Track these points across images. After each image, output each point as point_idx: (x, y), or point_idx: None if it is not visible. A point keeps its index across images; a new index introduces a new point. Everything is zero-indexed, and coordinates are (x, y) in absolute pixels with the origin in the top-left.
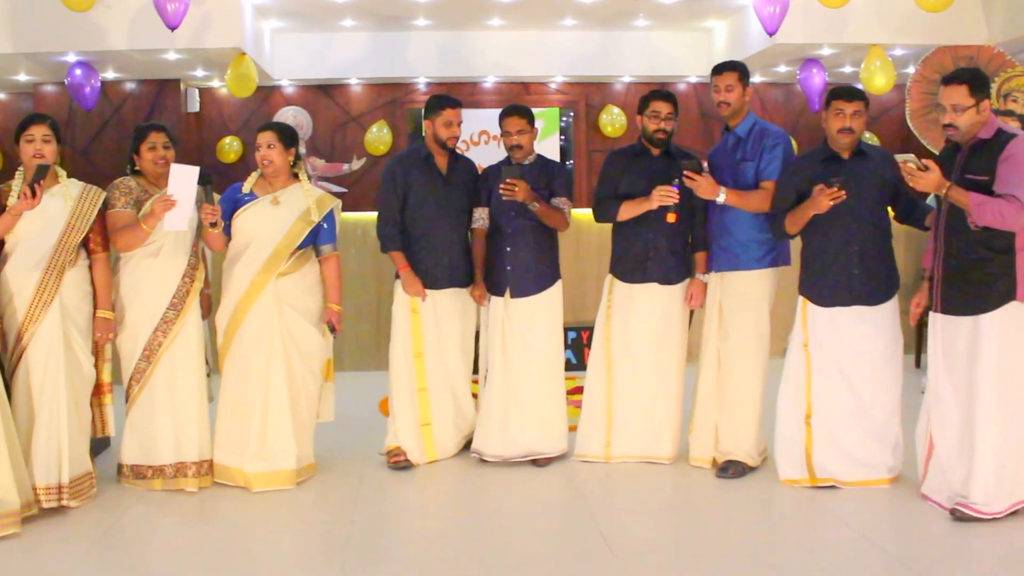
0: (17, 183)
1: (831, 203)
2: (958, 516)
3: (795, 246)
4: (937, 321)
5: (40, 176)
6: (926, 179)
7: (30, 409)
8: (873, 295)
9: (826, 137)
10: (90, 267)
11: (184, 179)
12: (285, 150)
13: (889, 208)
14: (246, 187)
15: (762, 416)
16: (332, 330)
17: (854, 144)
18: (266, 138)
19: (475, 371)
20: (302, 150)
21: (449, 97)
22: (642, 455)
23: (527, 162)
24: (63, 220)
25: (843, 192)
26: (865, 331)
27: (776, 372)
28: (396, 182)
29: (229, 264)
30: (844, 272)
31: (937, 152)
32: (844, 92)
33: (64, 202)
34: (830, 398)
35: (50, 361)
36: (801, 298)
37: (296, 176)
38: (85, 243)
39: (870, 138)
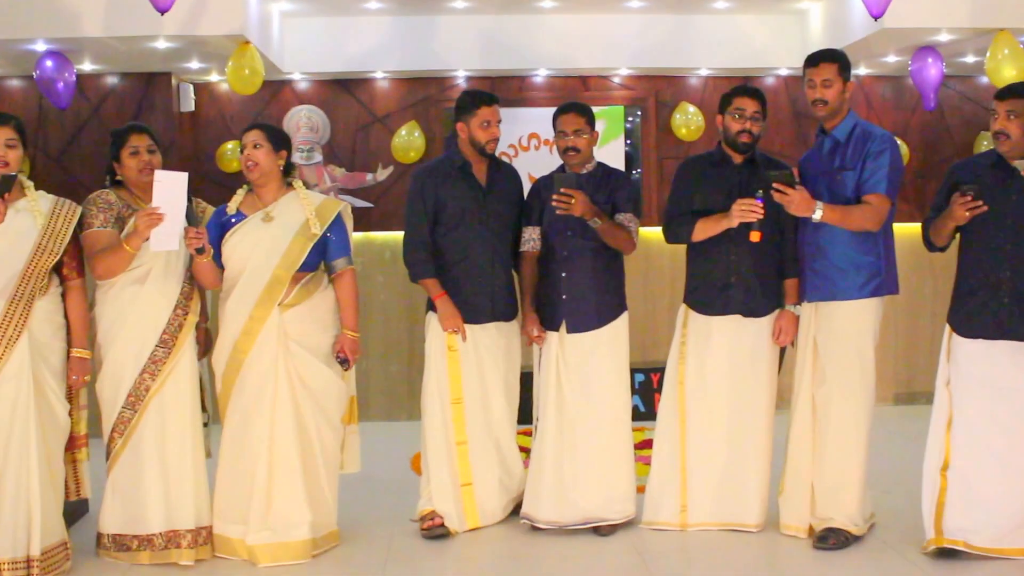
0: None
1: (968, 214)
2: None
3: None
4: None
5: (4, 189)
6: None
7: None
8: None
9: None
10: (63, 296)
11: (171, 188)
12: (274, 152)
13: None
14: (231, 207)
15: (866, 474)
16: (344, 362)
17: (1018, 151)
18: (251, 137)
19: (527, 420)
20: (318, 158)
21: (484, 92)
22: (724, 522)
23: (585, 171)
24: (32, 241)
25: (980, 203)
26: (1018, 368)
27: (881, 421)
28: (426, 198)
29: (224, 297)
30: (992, 299)
31: None
32: (1001, 91)
33: (33, 219)
34: (973, 446)
35: (18, 408)
36: (947, 327)
37: (290, 185)
38: (57, 268)
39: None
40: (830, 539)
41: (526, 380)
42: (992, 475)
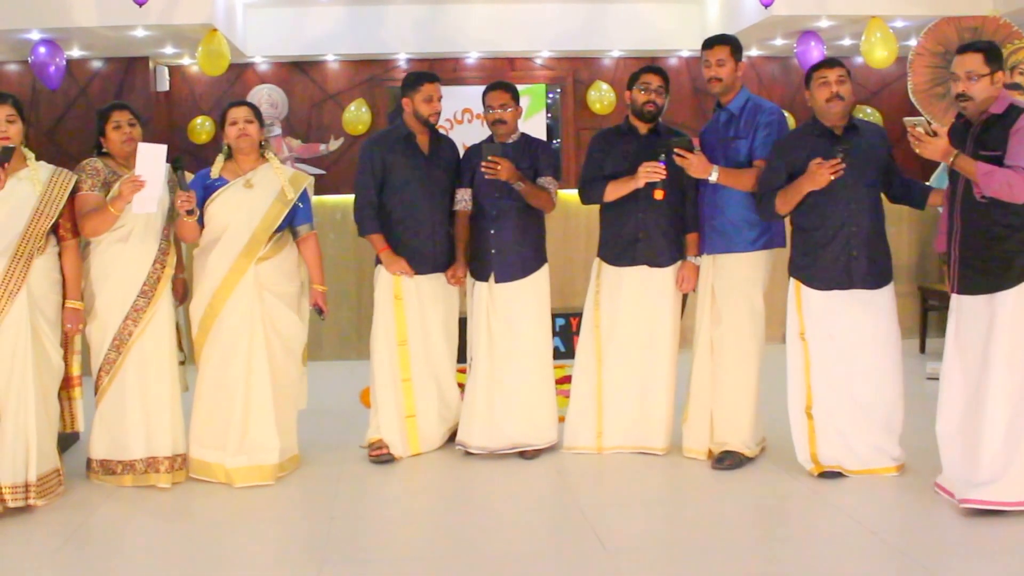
0: None
1: (832, 177)
2: (968, 511)
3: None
4: (954, 302)
5: (5, 159)
6: (934, 145)
7: None
8: (873, 278)
9: (815, 114)
10: (59, 254)
11: (152, 158)
12: (260, 128)
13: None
14: (215, 172)
15: (759, 404)
16: (320, 312)
17: (846, 115)
18: (243, 113)
19: (463, 360)
20: (277, 131)
21: (427, 72)
22: (634, 446)
23: (511, 140)
24: (31, 205)
25: (843, 165)
26: (865, 315)
27: (773, 358)
28: (374, 163)
29: (202, 252)
30: (843, 253)
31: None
32: (823, 62)
33: (32, 187)
34: (830, 387)
35: (17, 354)
36: (794, 282)
37: (263, 157)
38: (54, 229)
39: (871, 114)
40: (726, 460)
41: (462, 324)
42: (849, 409)
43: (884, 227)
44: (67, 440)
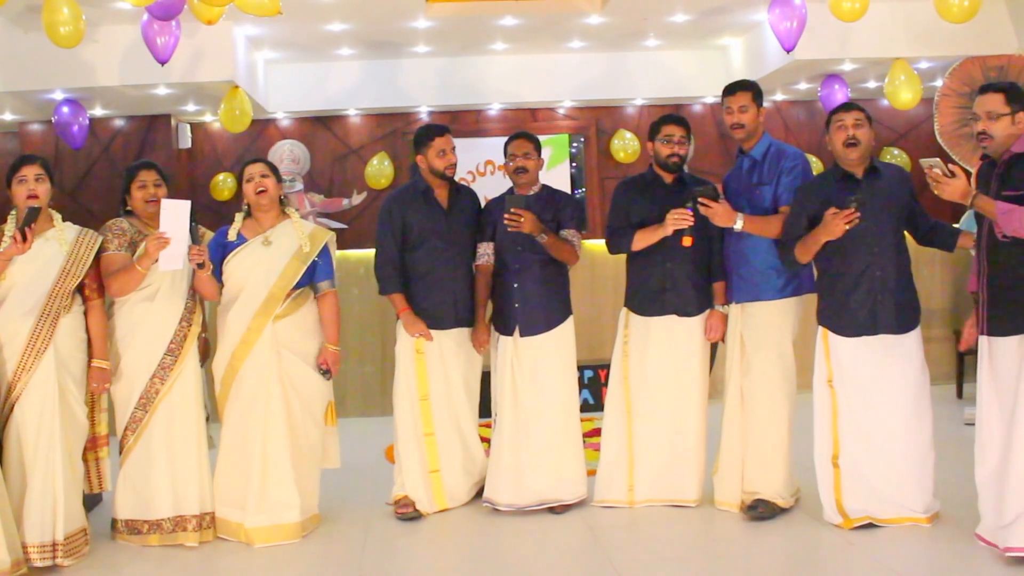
0: (9, 227)
1: (846, 227)
2: (1012, 559)
3: None
4: (984, 344)
5: (31, 219)
6: (952, 186)
7: (21, 463)
8: (900, 322)
9: (835, 159)
10: (85, 314)
11: (176, 215)
12: (278, 183)
13: (907, 232)
14: (232, 233)
15: (791, 454)
16: (325, 373)
17: (864, 159)
18: (259, 168)
19: (487, 414)
20: (299, 186)
21: (436, 125)
22: (666, 498)
23: (532, 192)
24: (58, 265)
25: (858, 214)
26: (893, 361)
27: (804, 406)
28: (393, 221)
29: (223, 311)
30: (869, 298)
31: (970, 169)
32: (840, 106)
33: (59, 247)
34: (858, 435)
35: (44, 412)
36: (821, 329)
37: (284, 213)
38: (80, 289)
39: (898, 156)
40: (759, 507)
41: (486, 379)
42: (877, 458)
43: (910, 270)
44: (90, 501)
